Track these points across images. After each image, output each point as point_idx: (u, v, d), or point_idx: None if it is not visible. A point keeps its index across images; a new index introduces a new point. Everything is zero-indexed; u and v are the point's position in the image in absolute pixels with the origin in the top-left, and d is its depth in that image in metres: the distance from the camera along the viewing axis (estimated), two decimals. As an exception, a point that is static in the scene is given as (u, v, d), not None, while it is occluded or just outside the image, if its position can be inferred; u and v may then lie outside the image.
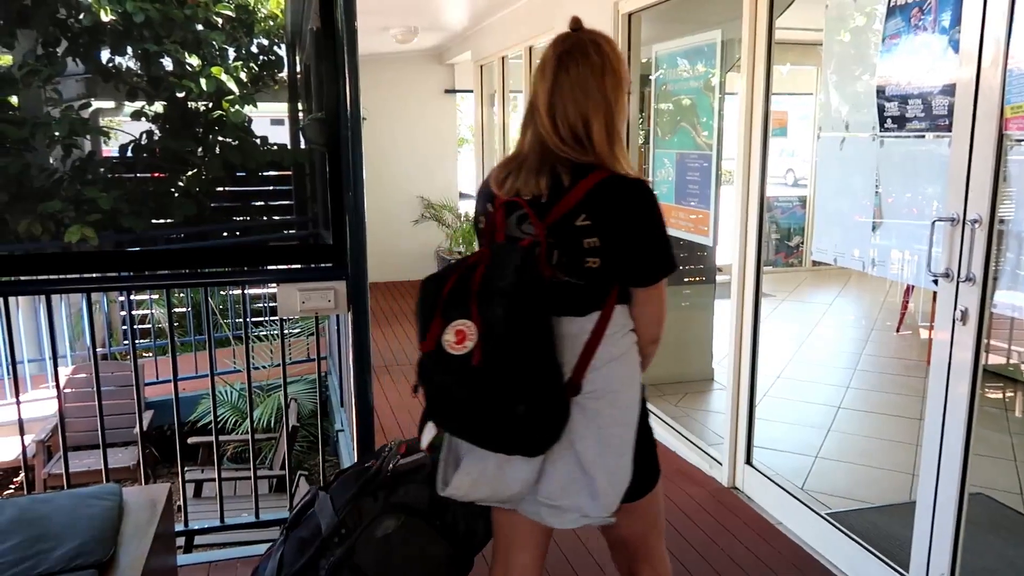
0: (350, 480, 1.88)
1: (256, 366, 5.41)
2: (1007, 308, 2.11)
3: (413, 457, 1.85)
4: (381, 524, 1.78)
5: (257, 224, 4.34)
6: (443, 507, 1.80)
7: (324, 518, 1.82)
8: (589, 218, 1.49)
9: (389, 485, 1.81)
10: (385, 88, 8.82)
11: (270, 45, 5.21)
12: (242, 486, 4.19)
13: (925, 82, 2.29)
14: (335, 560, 1.77)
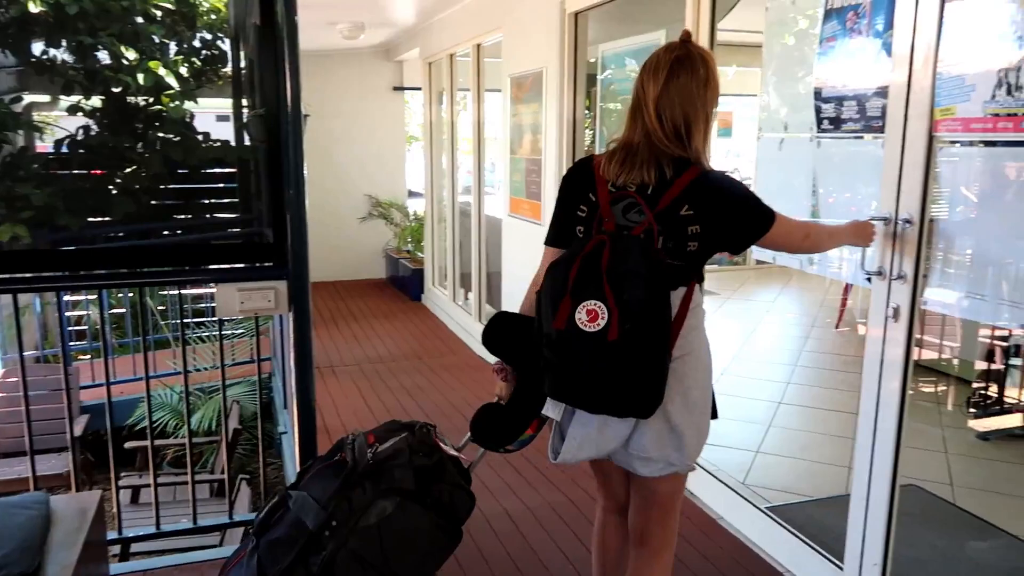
0: (326, 475, 1.92)
1: (198, 368, 5.28)
2: (937, 305, 2.18)
3: (390, 443, 1.93)
4: (376, 509, 1.86)
5: (199, 222, 4.22)
6: (429, 485, 1.92)
7: (308, 515, 1.85)
8: (691, 208, 1.73)
9: (373, 473, 1.89)
10: (332, 85, 8.70)
11: (213, 39, 5.07)
12: (182, 491, 4.08)
13: (859, 84, 2.35)
14: (330, 553, 1.81)
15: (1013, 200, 1.95)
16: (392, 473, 1.90)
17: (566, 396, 1.78)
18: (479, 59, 6.00)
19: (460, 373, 5.48)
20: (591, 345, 1.63)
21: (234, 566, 1.95)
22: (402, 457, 1.92)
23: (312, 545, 1.83)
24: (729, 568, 2.81)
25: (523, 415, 1.94)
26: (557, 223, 1.91)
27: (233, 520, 3.09)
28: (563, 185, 1.92)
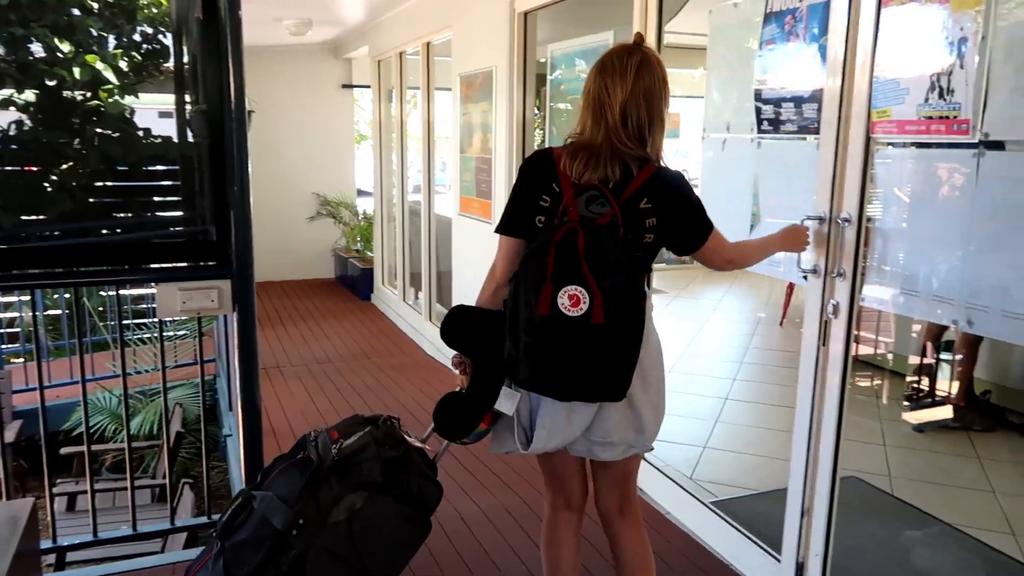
0: (291, 474, 1.91)
1: (138, 370, 5.14)
2: (874, 302, 2.24)
3: (354, 438, 1.94)
4: (345, 505, 1.86)
5: (140, 220, 4.11)
6: (397, 477, 1.93)
7: (275, 515, 1.83)
8: (649, 201, 1.83)
9: (339, 469, 1.88)
10: (279, 82, 8.56)
11: (154, 33, 4.94)
12: (122, 497, 3.96)
13: (797, 87, 2.40)
14: (300, 552, 1.80)
15: (944, 200, 2.02)
16: (359, 467, 1.90)
17: (544, 383, 1.80)
18: (429, 58, 5.97)
19: (410, 373, 5.44)
20: (574, 329, 1.70)
21: (198, 570, 1.91)
22: (368, 451, 1.93)
23: (280, 545, 1.82)
24: (677, 562, 2.85)
25: (479, 408, 1.94)
26: (515, 212, 1.94)
27: (175, 526, 3.02)
28: (523, 174, 1.96)
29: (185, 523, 3.16)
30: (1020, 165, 1.87)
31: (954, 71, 1.86)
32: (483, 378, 1.94)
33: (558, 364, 1.75)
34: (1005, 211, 1.87)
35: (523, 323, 1.76)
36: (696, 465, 3.69)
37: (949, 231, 1.99)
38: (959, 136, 1.86)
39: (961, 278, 1.96)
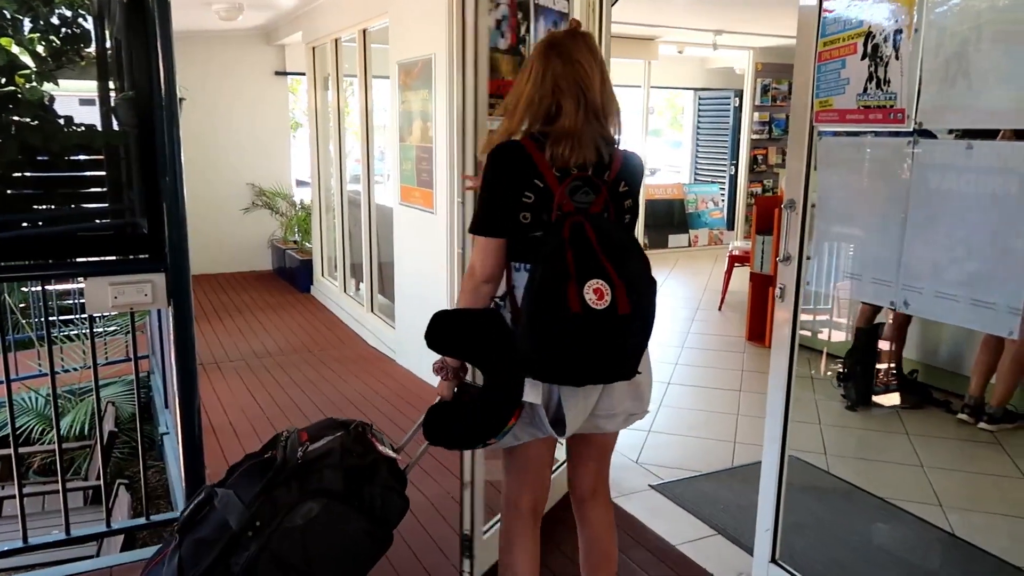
0: (253, 473, 1.86)
1: (67, 368, 4.93)
2: (819, 285, 2.30)
3: (323, 441, 1.88)
4: (302, 511, 1.81)
5: (63, 213, 3.95)
6: (359, 487, 1.87)
7: (232, 514, 1.79)
8: (627, 184, 1.89)
9: (301, 473, 1.83)
10: (210, 68, 8.29)
11: (74, 16, 4.72)
12: (53, 500, 3.80)
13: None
14: (253, 554, 1.75)
15: (882, 186, 2.09)
16: (321, 473, 1.85)
17: (585, 375, 1.79)
18: (365, 45, 5.86)
19: (353, 365, 5.37)
20: (605, 322, 1.70)
21: (155, 565, 1.86)
22: (333, 457, 1.87)
23: (234, 545, 1.77)
24: (624, 546, 2.88)
25: (508, 405, 1.84)
26: (495, 211, 1.84)
27: (111, 528, 2.91)
28: (498, 171, 1.84)
29: (122, 525, 3.05)
30: (950, 153, 1.94)
31: (890, 62, 1.92)
32: (502, 376, 1.85)
33: (593, 357, 1.74)
34: (937, 197, 1.94)
35: (552, 324, 1.70)
36: (641, 449, 3.74)
37: (887, 216, 2.06)
38: (895, 125, 1.92)
39: (898, 261, 2.02)
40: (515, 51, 2.66)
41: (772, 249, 5.26)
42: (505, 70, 2.60)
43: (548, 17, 2.85)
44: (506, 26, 2.58)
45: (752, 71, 9.11)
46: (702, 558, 2.78)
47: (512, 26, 2.61)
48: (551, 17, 2.86)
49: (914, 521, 3.08)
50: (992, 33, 1.73)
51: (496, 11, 2.52)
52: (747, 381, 4.79)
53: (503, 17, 2.57)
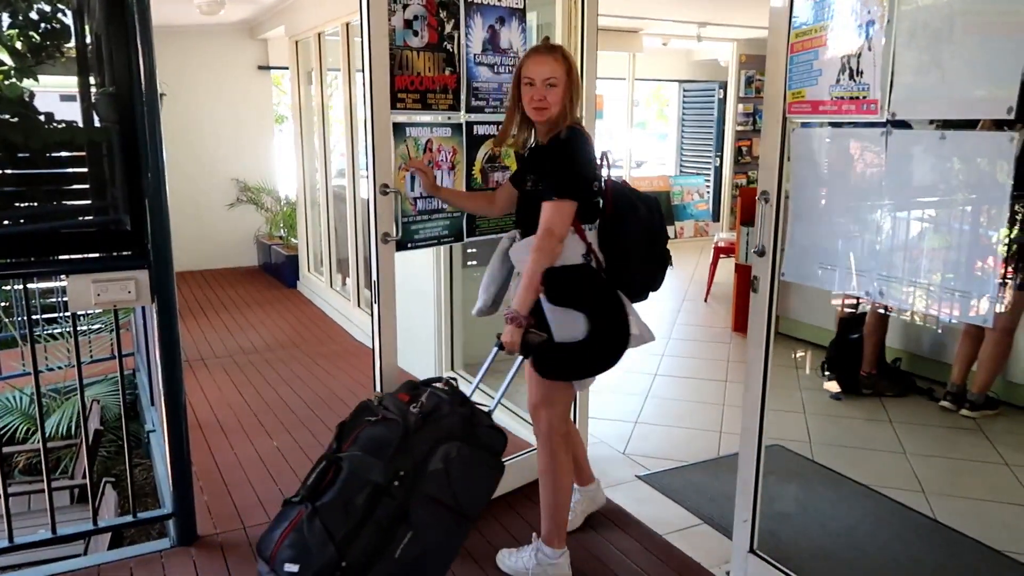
0: (377, 435, 2.11)
1: (51, 367, 4.91)
2: (793, 276, 2.32)
3: (424, 398, 2.17)
4: (439, 455, 2.09)
5: (45, 210, 3.93)
6: (472, 428, 2.20)
7: (373, 471, 2.04)
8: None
9: (426, 424, 2.11)
10: (193, 63, 8.24)
11: (53, 12, 4.67)
12: (39, 500, 3.78)
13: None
14: (402, 501, 2.03)
15: (856, 177, 2.11)
16: (441, 422, 2.14)
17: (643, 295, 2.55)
18: (348, 38, 5.84)
19: (340, 360, 5.37)
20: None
21: (287, 534, 2.03)
22: (444, 407, 2.18)
23: (378, 498, 2.01)
24: (611, 536, 2.90)
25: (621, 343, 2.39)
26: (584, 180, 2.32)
27: (98, 526, 2.91)
28: (587, 148, 2.35)
29: (109, 523, 3.05)
30: (924, 143, 1.96)
31: (863, 53, 1.93)
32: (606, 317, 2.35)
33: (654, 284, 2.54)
34: (911, 187, 1.97)
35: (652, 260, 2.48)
36: (628, 440, 3.77)
37: (861, 207, 2.08)
38: (868, 116, 1.94)
39: (873, 251, 2.05)
40: (437, 48, 2.75)
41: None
42: (422, 67, 2.71)
43: (489, 14, 2.87)
44: (421, 25, 2.67)
45: (736, 63, 9.14)
46: (689, 547, 2.81)
47: (431, 24, 2.70)
48: (493, 14, 2.88)
49: (897, 507, 3.12)
50: (965, 24, 1.75)
51: (406, 11, 2.62)
52: (732, 372, 4.83)
53: (416, 17, 2.65)
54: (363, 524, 1.99)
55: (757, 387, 2.39)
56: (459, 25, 2.80)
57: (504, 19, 2.93)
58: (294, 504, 2.08)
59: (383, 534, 2.01)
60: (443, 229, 2.95)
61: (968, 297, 1.84)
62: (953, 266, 1.87)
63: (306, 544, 1.99)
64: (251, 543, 2.91)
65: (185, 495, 2.87)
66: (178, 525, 2.90)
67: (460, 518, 2.14)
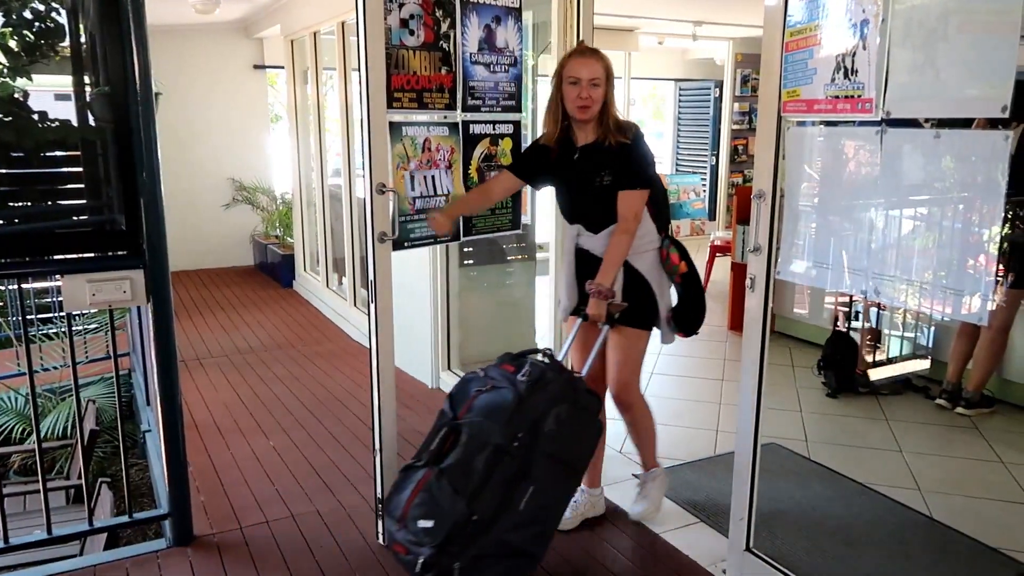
0: (492, 402, 2.30)
1: (46, 367, 4.89)
2: (788, 275, 2.33)
3: (528, 367, 2.36)
4: (551, 417, 2.29)
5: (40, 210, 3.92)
6: (574, 390, 2.40)
7: (493, 435, 2.23)
8: None
9: (537, 389, 2.31)
10: (188, 62, 8.22)
11: (47, 11, 4.66)
12: (34, 500, 3.77)
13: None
14: (523, 460, 2.23)
15: (851, 175, 2.11)
16: (549, 388, 2.33)
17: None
18: (344, 37, 5.83)
19: (336, 360, 5.36)
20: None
21: (416, 495, 2.23)
22: (550, 374, 2.36)
23: (499, 458, 2.21)
24: (608, 535, 2.91)
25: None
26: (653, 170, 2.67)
27: (94, 527, 2.90)
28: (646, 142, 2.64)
29: (105, 524, 3.04)
30: (919, 141, 1.96)
31: (857, 52, 1.94)
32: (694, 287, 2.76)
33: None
34: (905, 185, 1.97)
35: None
36: (625, 439, 3.76)
37: (856, 205, 2.08)
38: (863, 115, 1.94)
39: (868, 250, 2.05)
40: (433, 47, 2.75)
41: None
42: (417, 66, 2.71)
43: (485, 13, 2.87)
44: (417, 24, 2.67)
45: (732, 62, 9.14)
46: (685, 546, 2.81)
47: (427, 23, 2.70)
48: (489, 13, 2.88)
49: (893, 505, 3.13)
50: (959, 23, 1.75)
51: (402, 10, 2.62)
52: (729, 370, 4.83)
53: (412, 16, 2.65)
54: (487, 482, 2.19)
55: (753, 385, 2.39)
56: (455, 24, 2.80)
57: (500, 18, 2.93)
58: (417, 468, 2.31)
59: (506, 490, 2.22)
60: (438, 228, 2.95)
61: (962, 295, 1.84)
62: (947, 264, 1.88)
63: (437, 502, 2.20)
64: (248, 543, 2.90)
65: (181, 495, 2.86)
66: (174, 525, 2.89)
67: (572, 472, 2.40)
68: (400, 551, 2.26)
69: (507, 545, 2.22)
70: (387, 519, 2.34)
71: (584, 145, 2.65)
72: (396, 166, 2.69)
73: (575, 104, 2.52)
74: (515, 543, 2.24)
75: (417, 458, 2.34)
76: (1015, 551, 2.77)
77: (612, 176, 2.58)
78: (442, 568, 2.17)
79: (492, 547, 2.21)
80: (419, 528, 2.19)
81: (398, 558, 2.32)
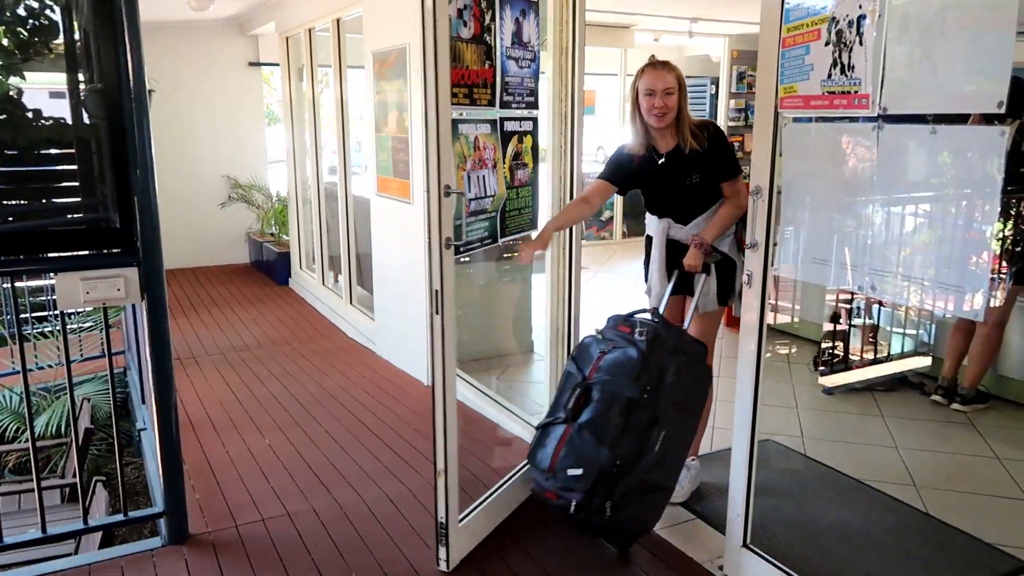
0: (618, 361, 2.58)
1: (40, 366, 4.87)
2: (786, 271, 2.33)
3: (642, 326, 2.61)
4: (672, 369, 2.54)
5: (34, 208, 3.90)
6: (684, 343, 2.64)
7: (626, 390, 2.51)
8: None
9: (656, 346, 2.55)
10: (183, 60, 8.19)
11: (41, 8, 4.64)
12: (29, 499, 3.76)
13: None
14: (653, 409, 2.50)
15: (847, 171, 2.11)
16: (666, 344, 2.57)
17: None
18: (339, 34, 5.81)
19: (332, 357, 5.36)
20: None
21: (561, 448, 2.55)
22: (662, 331, 2.61)
23: (632, 409, 2.49)
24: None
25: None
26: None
27: (89, 526, 2.89)
28: None
29: (99, 522, 3.03)
30: (915, 137, 1.96)
31: (854, 48, 1.93)
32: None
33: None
34: (902, 181, 1.97)
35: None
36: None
37: (853, 201, 2.08)
38: (860, 110, 1.94)
39: (864, 245, 2.05)
40: (479, 40, 2.65)
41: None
42: (469, 59, 2.60)
43: (515, 6, 2.84)
44: (469, 15, 2.57)
45: (728, 58, 9.13)
46: (682, 542, 2.81)
47: (475, 15, 2.61)
48: (518, 6, 2.85)
49: (889, 501, 3.13)
50: (955, 18, 1.75)
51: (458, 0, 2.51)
52: (725, 367, 4.82)
53: (465, 6, 2.55)
54: (624, 430, 2.48)
55: (750, 382, 2.39)
56: (495, 17, 2.70)
57: (525, 12, 2.89)
58: (555, 424, 2.62)
59: (642, 436, 2.50)
60: (484, 231, 2.88)
61: (959, 291, 1.84)
62: (944, 260, 1.88)
63: (582, 452, 2.51)
64: (243, 541, 2.90)
65: (176, 493, 2.86)
66: (169, 524, 2.88)
67: (693, 414, 2.67)
68: (551, 497, 2.59)
69: (647, 483, 2.53)
70: (533, 471, 2.68)
71: (667, 152, 2.88)
72: (456, 166, 2.55)
73: (652, 113, 2.75)
74: (653, 480, 2.54)
75: (551, 416, 2.68)
76: (1010, 546, 2.78)
77: (701, 175, 2.84)
78: (593, 508, 2.49)
79: (635, 486, 2.51)
80: (569, 476, 2.51)
81: (549, 504, 2.63)
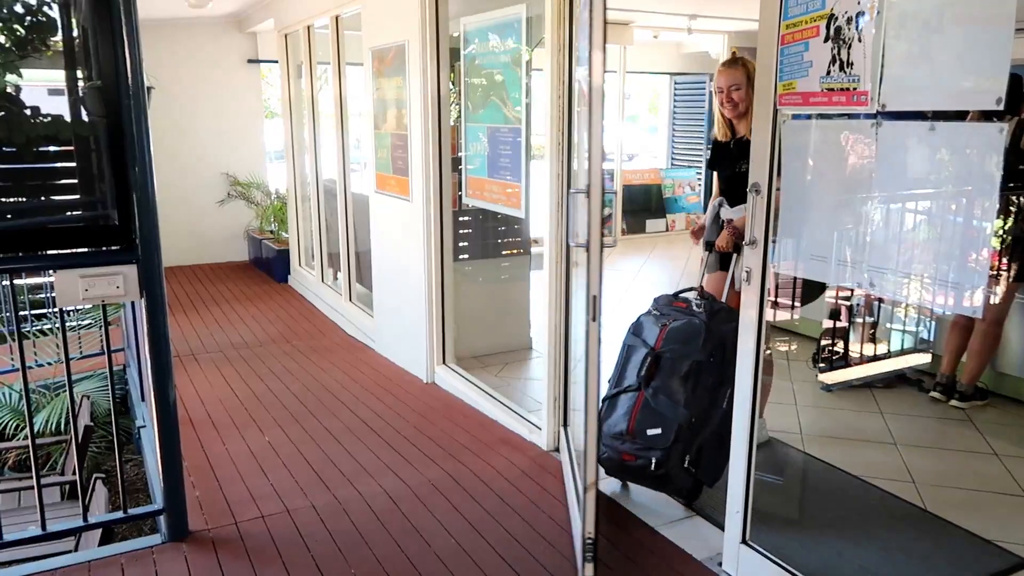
0: (681, 332, 2.88)
1: (40, 363, 4.87)
2: (785, 268, 2.32)
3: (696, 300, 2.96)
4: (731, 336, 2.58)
5: (32, 205, 3.90)
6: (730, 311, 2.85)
7: (694, 355, 2.81)
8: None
9: (711, 318, 2.86)
10: (181, 57, 8.18)
11: (38, 5, 4.63)
12: (29, 496, 3.76)
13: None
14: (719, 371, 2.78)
15: (846, 168, 2.11)
16: (720, 314, 2.88)
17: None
18: (338, 31, 5.81)
19: (332, 355, 5.36)
20: None
21: (638, 411, 2.82)
22: (716, 304, 2.95)
23: (700, 371, 2.79)
24: (604, 529, 2.91)
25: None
26: None
27: (89, 523, 2.89)
28: None
29: (99, 519, 3.04)
30: (914, 134, 1.96)
31: (853, 44, 1.93)
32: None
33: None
34: (901, 178, 1.97)
35: None
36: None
37: (852, 198, 2.08)
38: (859, 107, 1.94)
39: (863, 242, 2.05)
40: None
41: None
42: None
43: None
44: None
45: (727, 55, 9.12)
46: (681, 539, 2.81)
47: None
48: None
49: (887, 498, 3.14)
50: (954, 15, 1.75)
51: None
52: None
53: None
54: (695, 389, 2.77)
55: (749, 379, 2.39)
56: None
57: None
58: (625, 393, 2.89)
59: (711, 394, 2.80)
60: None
61: (958, 288, 1.84)
62: (943, 257, 1.88)
63: (659, 412, 2.78)
64: (243, 538, 2.90)
65: (176, 491, 2.86)
66: (169, 521, 2.89)
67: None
68: (629, 459, 2.81)
69: (719, 436, 2.72)
70: (606, 437, 2.86)
71: (739, 137, 3.22)
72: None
73: (722, 107, 3.15)
74: (724, 433, 2.61)
75: (616, 387, 2.95)
76: (1009, 543, 2.78)
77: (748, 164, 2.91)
78: (673, 462, 2.75)
79: (709, 439, 2.77)
80: (648, 436, 2.77)
81: (626, 465, 2.85)
